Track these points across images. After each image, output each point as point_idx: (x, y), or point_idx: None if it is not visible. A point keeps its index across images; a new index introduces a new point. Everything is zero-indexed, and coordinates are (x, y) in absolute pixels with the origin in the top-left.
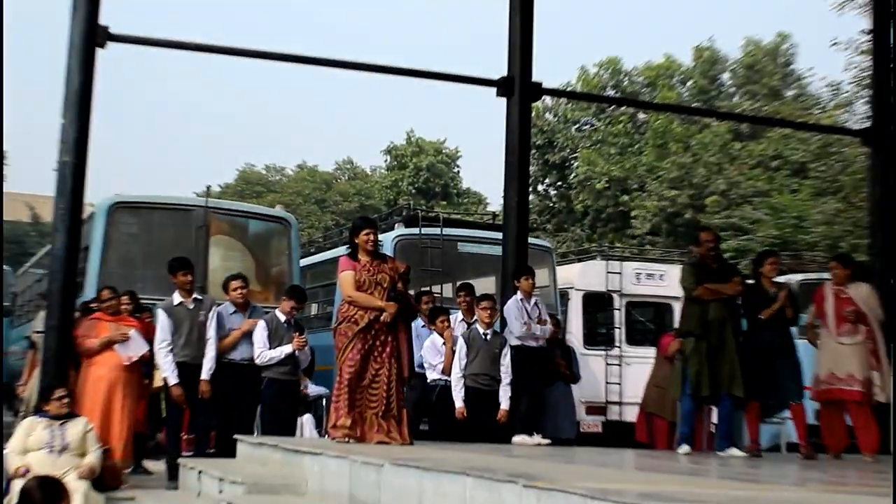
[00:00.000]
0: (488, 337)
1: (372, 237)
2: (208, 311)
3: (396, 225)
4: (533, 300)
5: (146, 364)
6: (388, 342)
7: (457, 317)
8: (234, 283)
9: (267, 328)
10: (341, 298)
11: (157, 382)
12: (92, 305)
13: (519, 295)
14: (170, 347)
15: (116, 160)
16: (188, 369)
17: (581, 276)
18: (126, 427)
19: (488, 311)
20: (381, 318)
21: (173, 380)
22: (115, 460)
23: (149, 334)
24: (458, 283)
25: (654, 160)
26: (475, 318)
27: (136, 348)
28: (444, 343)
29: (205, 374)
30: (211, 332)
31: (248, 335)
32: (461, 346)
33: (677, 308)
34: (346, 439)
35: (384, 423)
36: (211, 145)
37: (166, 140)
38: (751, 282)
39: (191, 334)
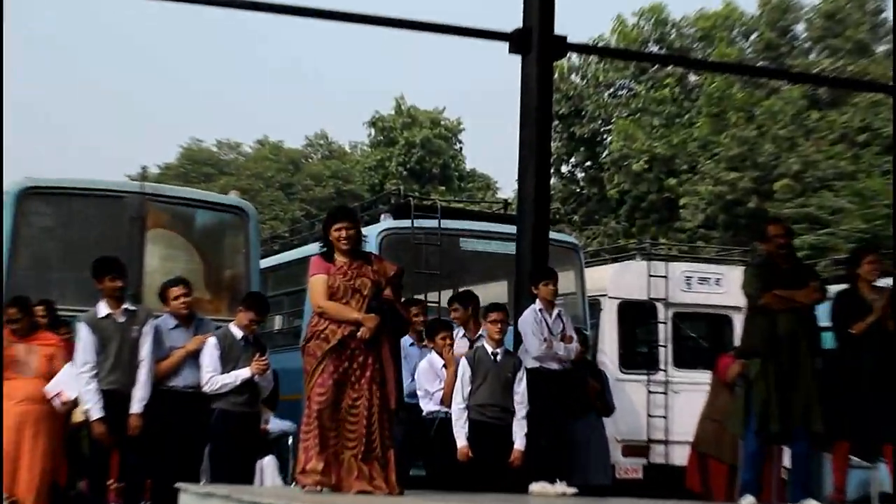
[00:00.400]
0: (498, 358)
1: (346, 233)
2: (143, 326)
3: (382, 216)
4: (555, 311)
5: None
6: (369, 364)
7: (458, 332)
8: (176, 290)
9: (218, 347)
10: (311, 309)
11: (77, 417)
12: None
13: (537, 304)
14: (93, 372)
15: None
16: (117, 399)
17: (616, 281)
18: (38, 474)
19: (498, 326)
20: (358, 334)
21: (96, 413)
22: None
23: (67, 355)
24: (456, 292)
25: (708, 134)
26: (480, 333)
27: (67, 384)
28: (444, 365)
29: (136, 407)
30: (145, 351)
31: (194, 356)
32: (464, 370)
33: (738, 321)
34: (318, 488)
35: (366, 467)
36: (149, 118)
37: (92, 112)
38: (842, 287)
39: (120, 355)
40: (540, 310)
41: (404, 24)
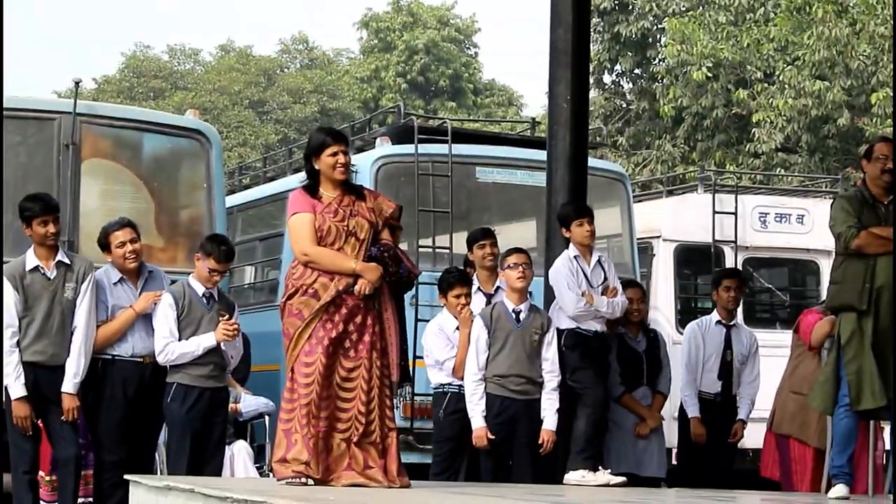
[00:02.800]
0: (521, 316)
1: (341, 159)
2: (81, 282)
3: (378, 140)
4: (595, 258)
5: None
6: (368, 327)
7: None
8: (120, 235)
9: (174, 307)
10: (292, 257)
11: None
12: None
13: (572, 250)
14: (15, 339)
15: None
16: (45, 374)
17: (673, 219)
18: None
19: (520, 270)
20: (356, 288)
21: (18, 391)
22: None
23: None
24: (473, 231)
25: (788, 33)
26: (497, 285)
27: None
28: (458, 328)
29: (69, 384)
30: (83, 314)
31: (143, 318)
32: (479, 332)
33: (826, 268)
34: (301, 479)
35: (360, 453)
36: (81, 19)
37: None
38: None
39: (50, 318)
40: (575, 257)
41: None
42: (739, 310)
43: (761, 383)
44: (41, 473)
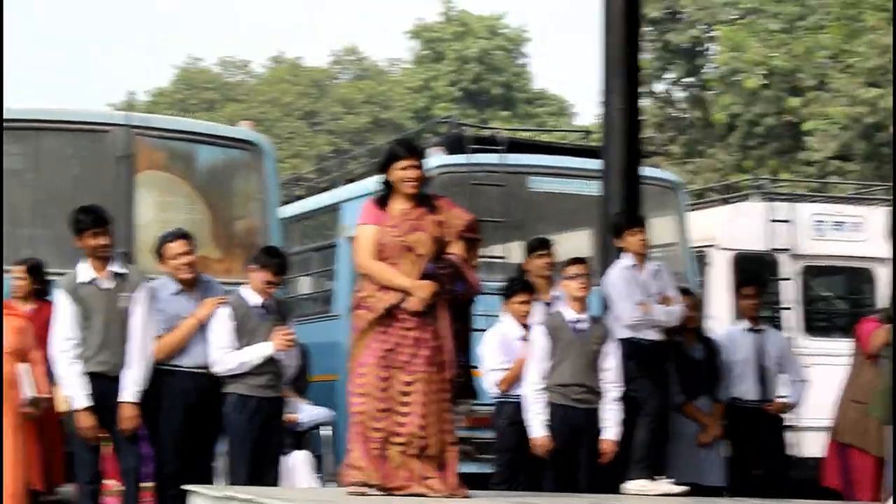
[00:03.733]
0: (582, 326)
1: (412, 173)
2: (134, 292)
3: (430, 150)
4: (650, 267)
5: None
6: (425, 342)
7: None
8: (176, 247)
9: (231, 317)
10: (347, 268)
11: (60, 405)
12: None
13: (627, 259)
14: (77, 350)
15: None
16: (108, 384)
17: (728, 228)
18: (17, 478)
19: (580, 281)
20: (404, 305)
21: (82, 402)
22: None
23: (42, 330)
24: (531, 241)
25: (840, 41)
26: (556, 295)
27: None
28: (521, 337)
29: (129, 393)
30: (138, 324)
31: (204, 329)
32: (540, 342)
33: (883, 276)
34: (360, 489)
35: (419, 464)
36: (136, 33)
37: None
38: None
39: (108, 329)
40: (630, 266)
41: None
42: (800, 318)
43: (822, 392)
44: (112, 482)
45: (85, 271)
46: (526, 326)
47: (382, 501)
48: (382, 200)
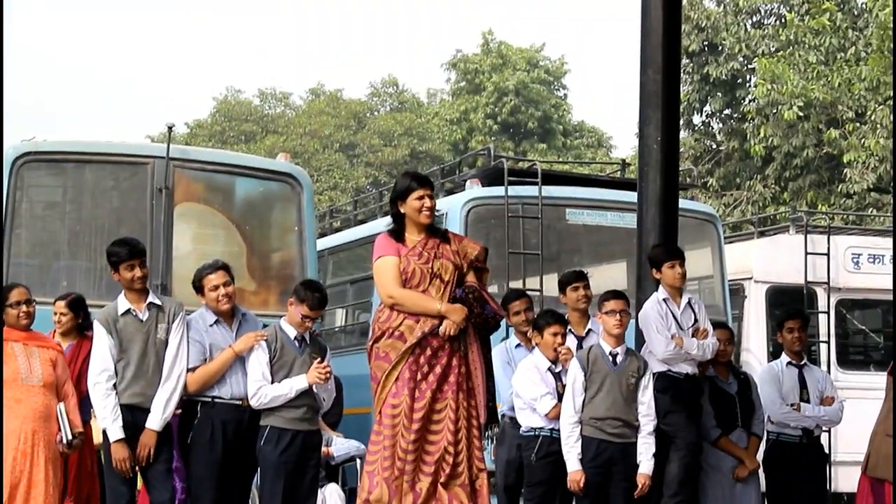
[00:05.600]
0: (618, 359)
1: (427, 203)
2: (171, 324)
3: (468, 182)
4: (684, 300)
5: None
6: (453, 368)
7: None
8: (215, 278)
9: (267, 350)
10: (380, 300)
11: (96, 437)
12: None
13: (661, 293)
14: (112, 382)
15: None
16: (143, 416)
17: (764, 260)
18: None
19: (617, 318)
20: (441, 330)
21: (117, 433)
22: None
23: (82, 364)
24: (566, 273)
25: (880, 73)
26: (590, 328)
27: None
28: (554, 368)
29: (153, 420)
30: (173, 355)
31: (242, 362)
32: (576, 375)
33: None
34: None
35: (449, 495)
36: (175, 64)
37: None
38: None
39: (145, 360)
40: (664, 299)
41: None
42: (833, 351)
43: (856, 426)
44: None
45: (122, 303)
46: (556, 359)
47: None
48: (397, 232)
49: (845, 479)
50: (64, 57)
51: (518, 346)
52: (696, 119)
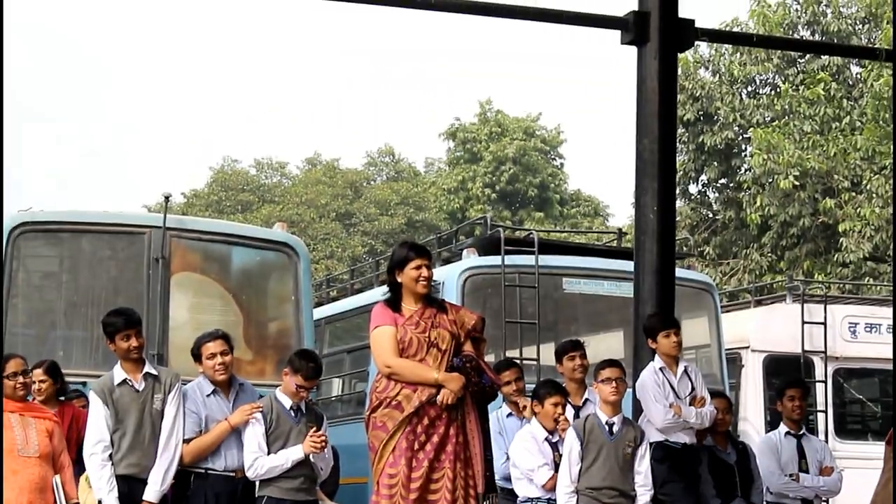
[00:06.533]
0: (615, 428)
1: (424, 272)
2: (168, 394)
3: (465, 251)
4: (680, 368)
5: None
6: (451, 437)
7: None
8: (212, 346)
9: (262, 420)
10: (377, 370)
11: None
12: None
13: (657, 362)
14: (107, 453)
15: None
16: (139, 486)
17: (762, 329)
18: None
19: (613, 386)
20: (439, 399)
21: None
22: None
23: (73, 433)
24: (563, 343)
25: (875, 143)
26: (587, 398)
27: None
28: (551, 437)
29: (150, 493)
30: (169, 425)
31: (237, 432)
32: (572, 444)
33: None
34: None
35: None
36: (171, 135)
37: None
38: None
39: (141, 430)
40: (661, 368)
41: (490, 10)
42: (831, 421)
43: (854, 496)
44: None
45: (118, 373)
46: (554, 429)
47: None
48: (394, 302)
49: None
50: (56, 125)
51: (509, 415)
52: (692, 188)
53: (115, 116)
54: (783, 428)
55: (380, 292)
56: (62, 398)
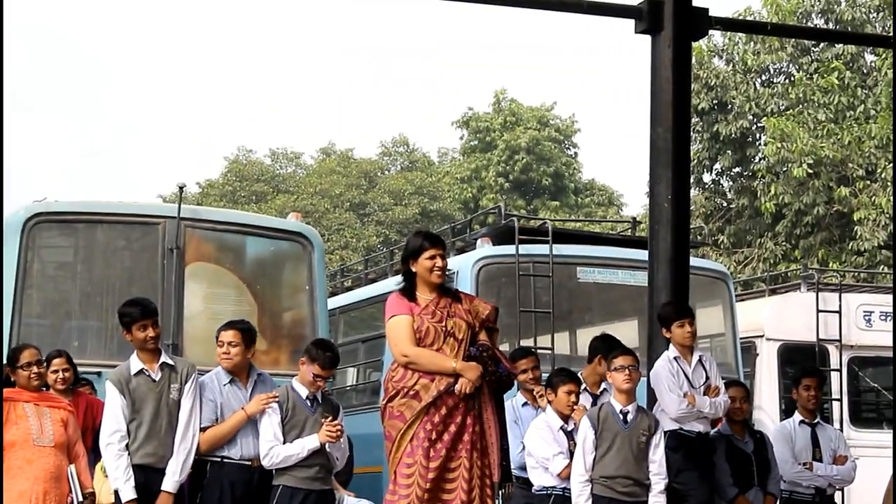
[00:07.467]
0: (629, 417)
1: (439, 262)
2: (184, 384)
3: (479, 241)
4: (695, 357)
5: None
6: (468, 426)
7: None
8: (224, 335)
9: (279, 410)
10: (392, 359)
11: (105, 498)
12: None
13: (672, 351)
14: (124, 442)
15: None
16: (155, 476)
17: (776, 318)
18: None
19: (626, 373)
20: (457, 388)
21: (129, 494)
22: None
23: (89, 421)
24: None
25: (889, 130)
26: (604, 388)
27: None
28: (566, 426)
29: (168, 483)
30: (186, 415)
31: (253, 421)
32: (586, 433)
33: None
34: None
35: None
36: (185, 125)
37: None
38: None
39: (157, 420)
40: (675, 358)
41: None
42: (846, 409)
43: (868, 485)
44: None
45: (135, 364)
46: (569, 417)
47: None
48: (409, 291)
49: None
50: (72, 116)
51: (525, 404)
52: (707, 177)
53: (115, 116)
54: (797, 416)
55: (394, 282)
56: (73, 386)
